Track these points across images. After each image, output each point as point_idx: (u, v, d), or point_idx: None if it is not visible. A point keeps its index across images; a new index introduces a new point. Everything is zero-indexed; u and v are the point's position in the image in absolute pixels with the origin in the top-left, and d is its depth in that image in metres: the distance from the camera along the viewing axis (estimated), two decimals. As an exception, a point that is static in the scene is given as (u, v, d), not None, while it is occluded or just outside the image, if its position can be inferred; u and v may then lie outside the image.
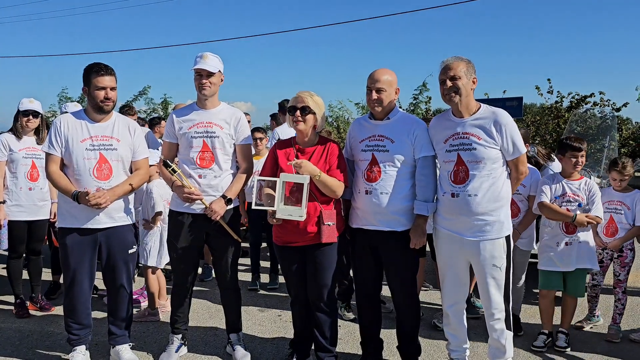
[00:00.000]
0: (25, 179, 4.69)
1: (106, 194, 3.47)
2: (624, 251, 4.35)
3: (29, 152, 4.72)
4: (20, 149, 4.69)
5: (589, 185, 4.06)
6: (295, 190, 3.32)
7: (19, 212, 4.68)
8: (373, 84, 3.37)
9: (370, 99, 3.40)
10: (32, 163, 4.72)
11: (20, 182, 4.68)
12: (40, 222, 4.83)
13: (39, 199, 4.76)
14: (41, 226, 4.87)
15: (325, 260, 3.45)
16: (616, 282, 4.39)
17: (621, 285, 4.36)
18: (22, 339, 4.24)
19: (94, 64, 3.57)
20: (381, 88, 3.36)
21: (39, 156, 4.71)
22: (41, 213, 4.80)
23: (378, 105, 3.39)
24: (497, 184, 3.22)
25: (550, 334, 4.15)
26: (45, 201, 4.82)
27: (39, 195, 4.76)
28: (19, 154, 4.67)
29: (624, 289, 4.37)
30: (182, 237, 3.68)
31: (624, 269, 4.36)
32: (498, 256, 3.26)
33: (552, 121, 12.95)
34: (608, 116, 9.88)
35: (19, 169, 4.67)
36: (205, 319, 4.72)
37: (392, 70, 3.45)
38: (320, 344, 3.58)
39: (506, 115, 3.23)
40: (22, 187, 4.68)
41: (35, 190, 4.73)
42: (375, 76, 3.39)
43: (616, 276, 4.39)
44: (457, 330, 3.54)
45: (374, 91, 3.36)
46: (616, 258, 4.37)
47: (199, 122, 3.65)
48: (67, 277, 3.63)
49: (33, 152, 4.74)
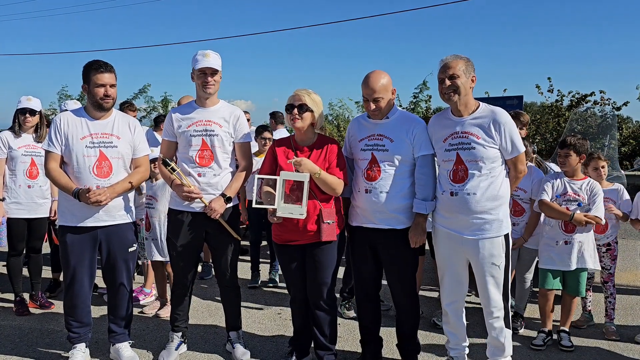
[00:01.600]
0: (24, 176, 4.70)
1: (106, 192, 3.48)
2: (611, 244, 4.45)
3: (27, 150, 4.72)
4: (19, 147, 4.69)
5: (591, 185, 4.07)
6: (295, 189, 3.32)
7: (17, 210, 4.69)
8: (370, 95, 3.34)
9: (369, 109, 3.39)
10: (31, 161, 4.72)
11: (19, 180, 4.69)
12: (39, 219, 4.83)
13: (38, 197, 4.76)
14: (41, 224, 4.87)
15: (325, 258, 3.45)
16: (607, 276, 4.46)
17: (612, 279, 4.45)
18: (22, 336, 4.25)
19: (93, 61, 3.57)
20: (378, 98, 3.34)
21: (38, 154, 4.72)
22: (40, 211, 4.80)
23: (377, 113, 3.40)
24: (495, 183, 3.23)
25: (549, 332, 4.16)
26: (45, 199, 4.82)
27: (39, 193, 4.76)
28: (18, 151, 4.68)
29: (614, 282, 4.47)
30: (181, 235, 3.68)
31: (614, 262, 4.47)
32: (497, 254, 3.26)
33: (552, 120, 12.95)
34: (608, 115, 9.90)
35: (18, 167, 4.68)
36: (205, 317, 4.73)
37: (384, 72, 3.40)
38: (319, 342, 3.59)
39: (505, 114, 3.23)
40: (21, 184, 4.69)
41: (35, 188, 4.74)
42: (370, 85, 3.33)
43: (607, 270, 4.46)
44: (456, 328, 3.54)
45: (372, 102, 3.35)
46: (605, 252, 4.44)
47: (198, 120, 3.65)
48: (67, 275, 3.63)
49: (32, 149, 4.75)
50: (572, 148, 4.03)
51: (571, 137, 4.09)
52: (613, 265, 4.45)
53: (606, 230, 4.42)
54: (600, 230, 4.38)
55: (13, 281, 4.83)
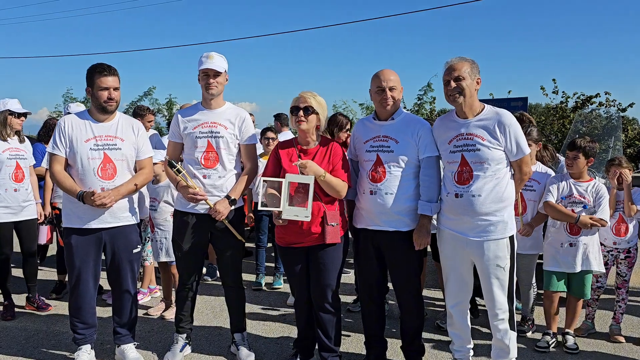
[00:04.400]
0: (10, 180, 4.62)
1: (111, 194, 3.49)
2: (631, 251, 4.34)
3: (12, 153, 4.66)
4: (4, 150, 4.62)
5: (597, 187, 4.05)
6: (299, 191, 3.32)
7: (4, 214, 4.62)
8: (384, 82, 3.37)
9: (383, 97, 3.38)
10: (16, 164, 4.67)
11: (6, 184, 4.61)
12: (27, 221, 4.79)
13: (23, 200, 4.72)
14: (30, 225, 4.83)
15: (329, 261, 3.45)
16: (621, 283, 4.39)
17: (626, 286, 4.38)
18: (28, 338, 4.27)
19: (97, 64, 3.58)
20: (393, 87, 3.38)
21: (22, 157, 4.72)
22: (26, 213, 4.75)
23: (391, 104, 3.40)
24: (500, 185, 3.22)
25: (554, 334, 4.14)
26: (29, 201, 4.78)
27: (24, 195, 4.72)
28: (3, 155, 4.60)
29: (628, 288, 4.39)
30: (186, 237, 3.69)
31: (631, 270, 4.37)
32: (502, 256, 3.26)
33: (557, 121, 12.91)
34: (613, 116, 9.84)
35: (3, 170, 4.60)
36: (209, 319, 4.74)
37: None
38: (323, 343, 3.59)
39: (510, 116, 3.22)
40: (7, 188, 4.61)
41: (21, 192, 4.69)
42: (385, 75, 3.39)
43: (622, 277, 4.38)
44: (460, 330, 3.53)
45: (388, 90, 3.37)
46: (623, 259, 4.35)
47: (203, 122, 3.66)
48: (72, 276, 3.64)
49: (16, 152, 4.70)
50: (581, 150, 4.01)
51: (581, 139, 4.06)
52: (629, 272, 4.36)
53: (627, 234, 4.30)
54: (622, 233, 4.30)
55: (1, 284, 4.75)
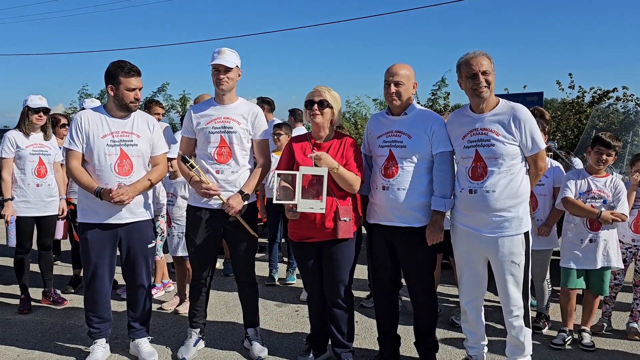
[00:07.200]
0: (32, 175, 4.70)
1: (128, 191, 3.51)
2: None
3: (35, 149, 4.73)
4: (27, 146, 4.69)
5: (614, 182, 4.00)
6: (313, 184, 3.32)
7: (26, 209, 4.69)
8: (391, 77, 3.36)
9: (388, 92, 3.37)
10: (39, 159, 4.73)
11: (28, 179, 4.69)
12: (48, 217, 4.84)
13: (46, 195, 4.78)
14: (49, 222, 4.88)
15: (342, 256, 3.44)
16: (639, 280, 4.32)
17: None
18: (44, 331, 4.32)
19: (121, 62, 3.56)
20: (399, 81, 3.35)
21: (45, 152, 4.77)
22: (49, 209, 4.82)
23: (397, 99, 3.37)
24: (515, 180, 3.18)
25: (570, 332, 4.10)
26: (52, 197, 4.84)
27: (47, 191, 4.78)
28: (26, 150, 4.68)
29: None
30: (199, 232, 3.70)
31: None
32: (517, 253, 3.22)
33: (573, 116, 12.73)
34: (631, 111, 9.70)
35: (26, 166, 4.68)
36: (223, 314, 4.76)
37: (409, 65, 3.43)
38: (337, 339, 3.59)
39: (525, 111, 3.18)
40: (29, 183, 4.69)
41: (43, 187, 4.75)
42: (393, 70, 3.38)
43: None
44: (474, 326, 3.51)
45: (392, 84, 3.35)
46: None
47: (216, 117, 3.67)
48: (87, 271, 3.67)
49: (40, 148, 4.76)
50: (615, 150, 3.98)
51: (613, 138, 4.01)
52: None
53: None
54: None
55: (19, 278, 4.81)
